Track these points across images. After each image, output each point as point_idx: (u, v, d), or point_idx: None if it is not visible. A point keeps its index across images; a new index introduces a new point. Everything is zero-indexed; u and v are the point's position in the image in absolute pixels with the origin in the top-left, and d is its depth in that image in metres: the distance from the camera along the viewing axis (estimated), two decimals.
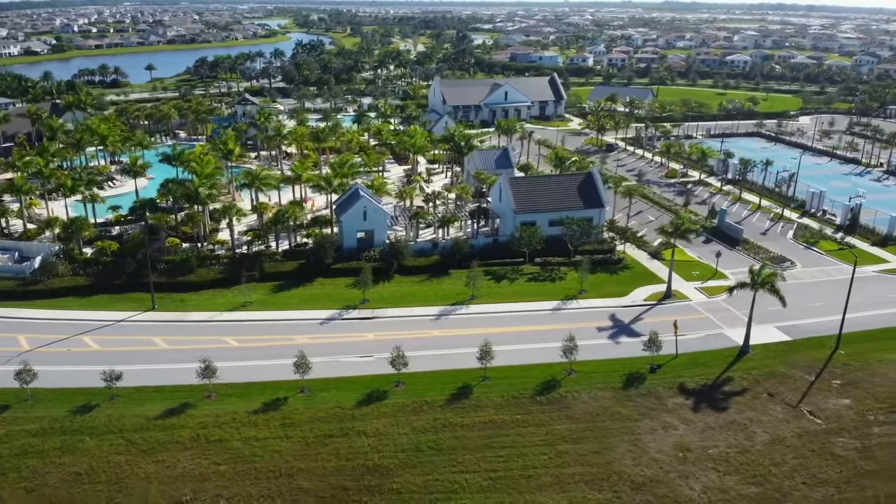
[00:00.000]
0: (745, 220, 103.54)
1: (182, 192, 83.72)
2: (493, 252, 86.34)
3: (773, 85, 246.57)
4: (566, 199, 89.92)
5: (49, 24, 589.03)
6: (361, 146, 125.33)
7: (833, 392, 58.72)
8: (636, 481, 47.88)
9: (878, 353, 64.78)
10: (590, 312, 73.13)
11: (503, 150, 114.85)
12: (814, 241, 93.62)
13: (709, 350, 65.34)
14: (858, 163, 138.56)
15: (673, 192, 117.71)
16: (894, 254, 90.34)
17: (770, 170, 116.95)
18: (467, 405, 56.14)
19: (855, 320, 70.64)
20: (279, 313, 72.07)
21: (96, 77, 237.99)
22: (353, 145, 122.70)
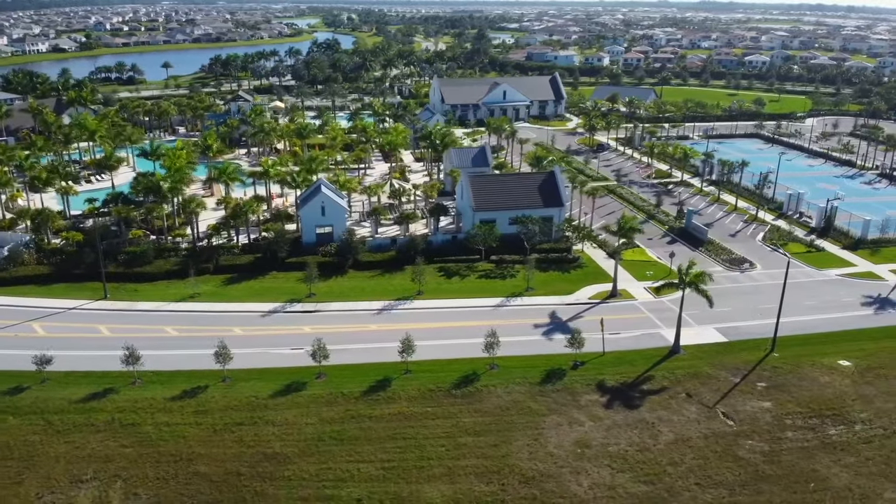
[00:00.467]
0: (719, 222, 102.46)
1: (145, 186, 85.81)
2: (451, 249, 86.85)
3: (788, 86, 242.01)
4: (526, 198, 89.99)
5: (84, 21, 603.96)
6: (346, 143, 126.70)
7: (755, 394, 58.07)
8: (527, 475, 48.10)
9: (814, 357, 63.79)
10: (530, 309, 73.25)
11: (480, 149, 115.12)
12: (783, 244, 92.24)
13: (639, 349, 65.05)
14: (853, 165, 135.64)
15: (653, 193, 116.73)
16: (864, 258, 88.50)
17: (749, 171, 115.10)
18: (382, 398, 56.85)
19: (801, 323, 70.10)
20: (224, 305, 73.58)
21: (113, 74, 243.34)
22: (338, 142, 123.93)
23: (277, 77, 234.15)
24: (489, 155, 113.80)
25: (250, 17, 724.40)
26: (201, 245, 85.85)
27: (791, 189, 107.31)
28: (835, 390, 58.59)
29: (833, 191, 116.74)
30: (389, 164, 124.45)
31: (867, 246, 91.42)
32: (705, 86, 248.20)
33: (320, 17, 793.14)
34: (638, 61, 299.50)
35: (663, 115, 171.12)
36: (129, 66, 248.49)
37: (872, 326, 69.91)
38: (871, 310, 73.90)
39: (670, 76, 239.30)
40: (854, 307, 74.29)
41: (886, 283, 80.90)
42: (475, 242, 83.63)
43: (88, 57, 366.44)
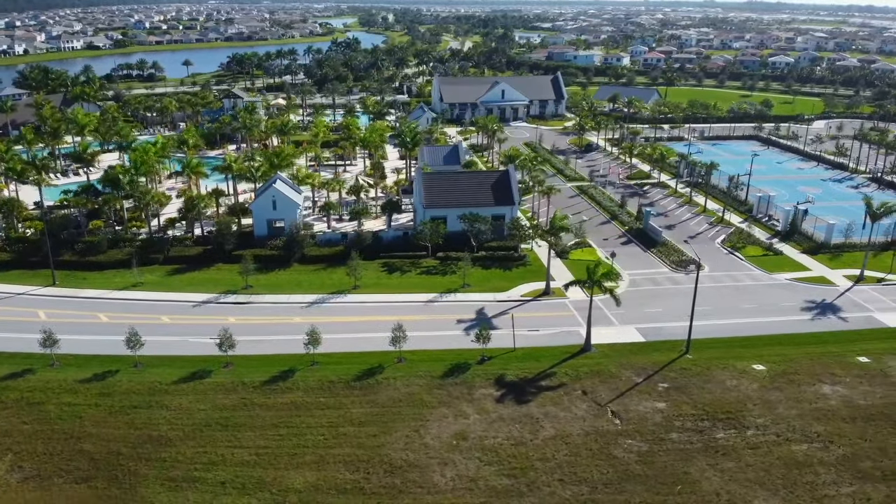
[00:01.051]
0: (684, 224, 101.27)
1: (106, 179, 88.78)
2: (401, 245, 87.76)
3: (807, 87, 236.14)
4: (478, 196, 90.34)
5: (126, 20, 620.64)
6: (327, 140, 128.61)
7: (653, 395, 57.64)
8: (394, 465, 48.80)
9: (729, 360, 62.93)
10: (459, 306, 73.74)
11: (453, 147, 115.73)
12: (741, 246, 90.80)
13: (552, 346, 65.07)
14: (846, 168, 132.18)
15: (629, 193, 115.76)
16: (822, 262, 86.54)
17: (727, 173, 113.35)
18: (280, 388, 58.13)
19: (729, 326, 69.47)
20: (162, 294, 75.81)
21: (134, 71, 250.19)
22: (320, 139, 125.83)
23: (290, 75, 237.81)
24: (461, 153, 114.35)
25: (289, 17, 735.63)
26: (158, 236, 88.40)
27: (761, 191, 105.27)
28: (739, 394, 57.79)
29: (813, 194, 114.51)
30: (372, 161, 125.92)
31: (829, 250, 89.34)
32: (721, 87, 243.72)
33: (357, 16, 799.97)
34: (658, 61, 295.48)
35: (664, 116, 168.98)
36: (151, 64, 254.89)
37: (802, 332, 68.52)
38: (809, 315, 72.39)
39: (676, 77, 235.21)
40: (792, 312, 72.89)
41: (836, 288, 79.08)
42: (421, 239, 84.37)
43: (121, 54, 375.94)
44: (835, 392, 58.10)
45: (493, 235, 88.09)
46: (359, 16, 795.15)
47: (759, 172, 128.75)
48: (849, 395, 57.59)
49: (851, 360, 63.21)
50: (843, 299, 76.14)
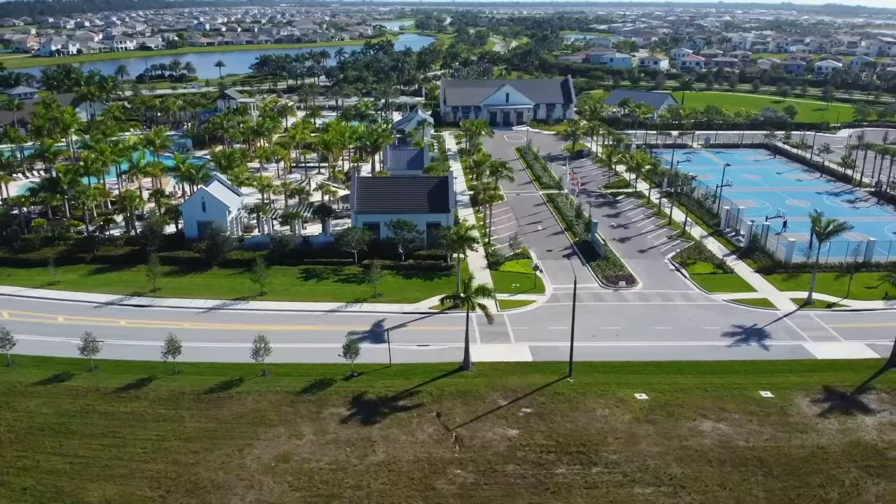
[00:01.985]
0: (642, 237, 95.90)
1: (48, 179, 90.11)
2: (332, 251, 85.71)
3: (845, 94, 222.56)
4: (413, 202, 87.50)
5: (188, 21, 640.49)
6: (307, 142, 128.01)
7: (510, 421, 53.73)
8: (200, 484, 46.72)
9: (610, 387, 58.28)
10: (360, 316, 71.20)
11: (419, 151, 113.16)
12: (691, 263, 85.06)
13: (431, 363, 61.79)
14: (849, 180, 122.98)
15: (599, 203, 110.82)
16: (773, 283, 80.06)
17: (708, 184, 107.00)
18: (131, 395, 56.89)
19: (631, 349, 64.94)
20: (71, 294, 75.96)
21: (166, 72, 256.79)
22: (296, 140, 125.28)
23: (314, 77, 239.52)
24: (426, 157, 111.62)
25: (348, 19, 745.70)
26: (95, 235, 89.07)
27: (730, 204, 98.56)
28: (604, 426, 53.28)
29: (803, 208, 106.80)
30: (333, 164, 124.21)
31: (787, 270, 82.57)
32: (755, 92, 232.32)
33: (415, 19, 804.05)
34: (697, 65, 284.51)
35: (676, 122, 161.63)
36: (184, 65, 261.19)
37: (709, 359, 63.08)
38: (729, 341, 66.70)
39: (692, 80, 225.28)
40: (711, 336, 67.33)
41: (775, 312, 72.84)
42: (345, 245, 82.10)
43: (172, 55, 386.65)
44: (714, 430, 52.86)
45: (428, 244, 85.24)
46: (417, 18, 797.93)
47: (752, 183, 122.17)
48: (729, 435, 52.28)
49: (752, 394, 57.59)
50: (778, 325, 69.94)
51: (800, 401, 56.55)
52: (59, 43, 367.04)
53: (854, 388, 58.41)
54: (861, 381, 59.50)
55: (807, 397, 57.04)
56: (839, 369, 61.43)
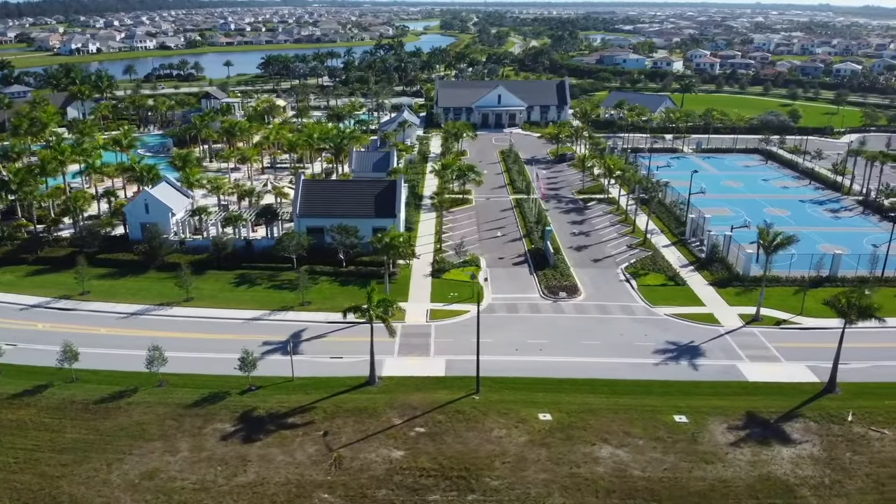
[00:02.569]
0: (603, 244, 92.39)
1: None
2: (270, 255, 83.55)
3: (858, 97, 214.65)
4: (359, 207, 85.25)
5: (214, 22, 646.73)
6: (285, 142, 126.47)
7: (399, 441, 51.06)
8: (59, 500, 45.02)
9: (514, 406, 55.25)
10: (281, 325, 69.02)
11: (385, 154, 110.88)
12: (643, 273, 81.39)
13: (337, 377, 59.39)
14: (839, 188, 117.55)
15: (569, 209, 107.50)
16: (725, 296, 76.00)
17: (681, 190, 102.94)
18: (22, 402, 55.57)
19: (548, 365, 61.97)
20: (2, 295, 75.11)
21: (174, 71, 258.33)
22: (270, 141, 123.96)
23: (317, 77, 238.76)
24: (393, 160, 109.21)
25: (375, 19, 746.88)
26: (39, 235, 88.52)
27: (697, 213, 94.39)
28: (496, 448, 50.32)
29: (780, 218, 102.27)
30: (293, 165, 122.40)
31: (743, 283, 78.41)
32: (766, 94, 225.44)
33: (441, 19, 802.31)
34: (711, 66, 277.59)
35: (672, 126, 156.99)
36: (192, 64, 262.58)
37: (629, 378, 59.65)
38: (658, 358, 63.11)
39: (694, 83, 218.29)
40: (641, 353, 63.80)
41: (716, 328, 68.97)
42: (282, 250, 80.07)
43: (191, 54, 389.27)
44: (611, 457, 49.56)
45: (372, 249, 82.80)
46: (442, 19, 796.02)
47: (733, 190, 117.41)
48: (626, 463, 48.94)
49: (666, 417, 54.08)
50: (716, 343, 66.10)
51: (715, 427, 52.90)
52: (79, 42, 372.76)
53: (780, 414, 54.55)
54: (790, 407, 55.60)
55: (724, 423, 53.38)
56: (770, 393, 57.56)
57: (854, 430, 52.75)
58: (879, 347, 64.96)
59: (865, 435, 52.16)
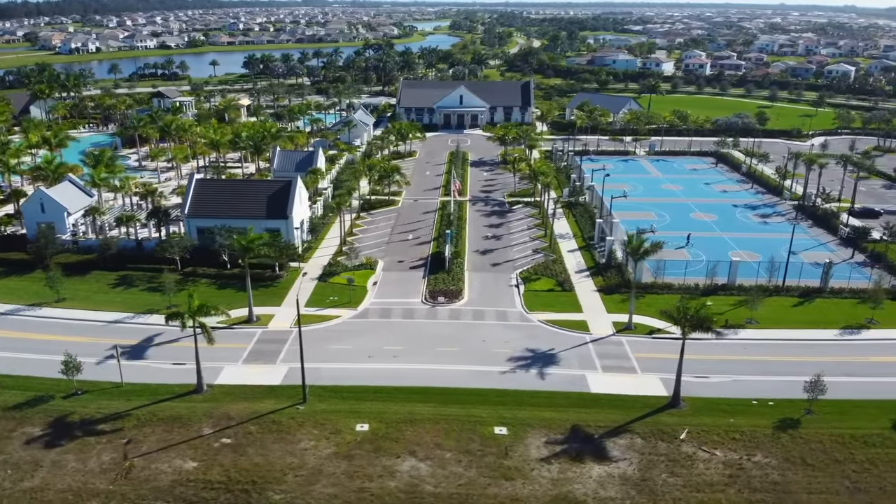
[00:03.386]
0: (508, 248, 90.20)
1: None
2: (156, 257, 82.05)
3: (842, 99, 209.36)
4: (251, 208, 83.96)
5: (222, 22, 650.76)
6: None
7: (198, 451, 49.50)
8: None
9: (337, 416, 53.46)
10: (140, 329, 67.87)
11: (309, 153, 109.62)
12: (535, 279, 79.21)
13: (168, 383, 58.01)
14: (779, 193, 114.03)
15: (492, 212, 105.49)
16: (608, 303, 73.47)
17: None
18: None
19: (391, 372, 60.16)
20: None
21: (158, 71, 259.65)
22: (207, 140, 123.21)
23: (294, 77, 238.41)
24: (317, 160, 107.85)
25: (387, 20, 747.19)
26: None
27: (611, 217, 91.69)
28: (296, 461, 48.60)
29: (702, 223, 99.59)
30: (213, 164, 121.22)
31: (629, 290, 75.46)
32: (748, 96, 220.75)
33: (451, 19, 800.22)
34: (700, 67, 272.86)
35: (633, 128, 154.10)
36: (178, 63, 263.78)
37: (467, 386, 57.58)
38: (509, 366, 60.98)
39: (658, 84, 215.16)
40: (493, 361, 61.65)
41: (582, 336, 66.64)
42: (165, 251, 78.97)
43: (191, 54, 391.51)
44: (411, 470, 47.65)
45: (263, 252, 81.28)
46: (452, 19, 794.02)
47: (669, 194, 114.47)
48: (422, 478, 46.98)
49: (486, 429, 52.02)
50: (577, 351, 63.78)
51: (533, 441, 50.74)
52: (79, 41, 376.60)
53: (608, 430, 52.21)
54: (624, 421, 53.22)
55: (545, 437, 51.20)
56: (608, 406, 55.23)
57: (682, 449, 50.25)
58: (741, 360, 62.23)
59: (693, 455, 49.64)
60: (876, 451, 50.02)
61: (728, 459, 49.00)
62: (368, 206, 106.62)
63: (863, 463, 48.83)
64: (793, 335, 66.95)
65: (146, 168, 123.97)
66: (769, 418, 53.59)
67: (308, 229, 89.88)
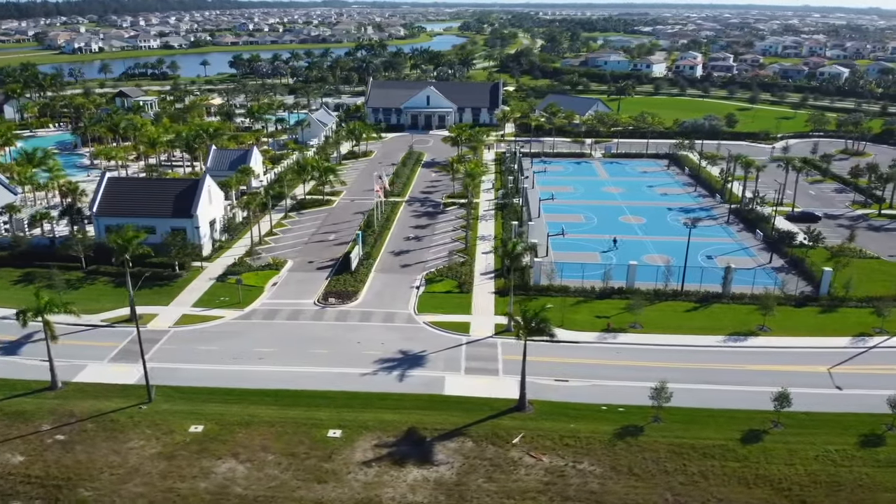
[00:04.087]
0: (425, 250, 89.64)
1: None
2: (62, 255, 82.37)
3: (825, 101, 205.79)
4: (158, 206, 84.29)
5: (233, 23, 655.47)
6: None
7: (28, 447, 49.76)
8: None
9: (177, 417, 53.31)
10: (16, 325, 67.84)
11: (244, 152, 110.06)
12: (438, 280, 78.80)
13: (23, 379, 58.39)
14: (715, 196, 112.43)
15: (424, 212, 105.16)
16: (500, 306, 72.43)
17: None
18: None
19: (256, 374, 59.64)
20: None
21: (148, 70, 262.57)
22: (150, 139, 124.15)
23: (278, 77, 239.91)
24: (251, 158, 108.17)
25: (399, 20, 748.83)
26: None
27: (520, 220, 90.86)
28: (118, 459, 48.62)
29: (634, 224, 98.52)
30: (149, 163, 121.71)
31: (527, 293, 74.77)
32: (730, 98, 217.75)
33: (463, 20, 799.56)
34: (692, 69, 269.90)
35: (596, 130, 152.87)
36: (169, 63, 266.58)
37: (320, 388, 57.23)
38: (373, 368, 60.52)
39: (630, 86, 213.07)
40: (360, 363, 61.21)
41: (460, 338, 66.00)
42: (68, 249, 79.51)
43: (195, 53, 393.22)
44: (228, 472, 47.47)
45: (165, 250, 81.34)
46: (462, 20, 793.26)
47: (610, 196, 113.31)
48: (234, 479, 46.78)
49: (320, 432, 51.69)
50: (448, 353, 63.23)
51: (363, 443, 50.32)
52: (82, 41, 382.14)
53: (444, 432, 51.64)
54: (462, 424, 52.61)
55: (376, 440, 50.74)
56: (454, 408, 54.65)
57: (510, 454, 49.52)
58: (609, 365, 61.29)
59: (518, 461, 48.90)
60: (712, 462, 48.85)
61: (552, 466, 48.17)
62: (300, 205, 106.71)
63: (693, 475, 47.68)
64: (673, 340, 65.79)
65: (97, 167, 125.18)
66: (613, 424, 52.63)
67: (222, 228, 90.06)
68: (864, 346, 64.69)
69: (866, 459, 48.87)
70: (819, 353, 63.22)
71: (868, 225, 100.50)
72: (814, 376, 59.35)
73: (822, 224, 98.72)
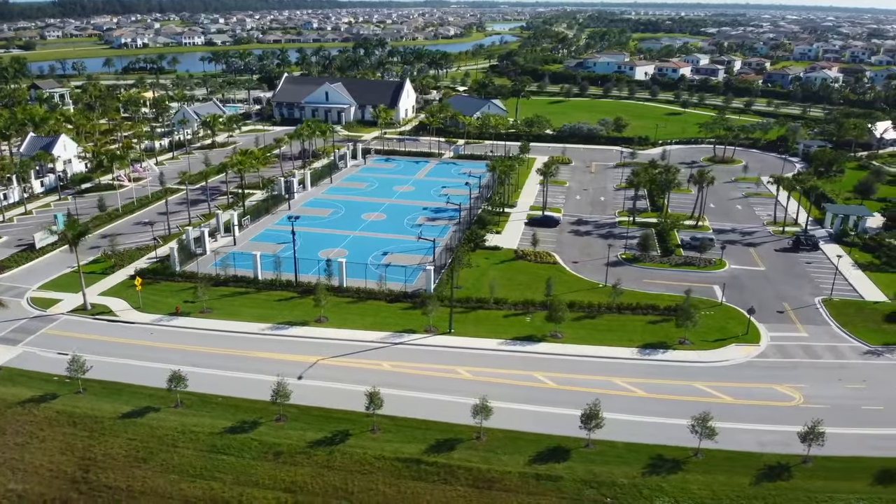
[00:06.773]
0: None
1: None
2: None
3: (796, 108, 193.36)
4: None
5: (299, 20, 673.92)
6: None
7: None
8: None
9: None
10: None
11: (53, 138, 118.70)
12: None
13: None
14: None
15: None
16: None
17: None
18: None
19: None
20: None
21: (148, 65, 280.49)
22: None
23: (251, 73, 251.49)
24: (57, 145, 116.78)
25: (462, 19, 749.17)
26: None
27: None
28: None
29: (372, 222, 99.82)
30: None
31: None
32: (674, 102, 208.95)
33: (533, 20, 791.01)
34: (674, 72, 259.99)
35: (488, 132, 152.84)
36: (170, 59, 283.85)
37: None
38: None
39: (524, 87, 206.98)
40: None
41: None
42: None
43: (235, 50, 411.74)
44: None
45: None
46: (533, 20, 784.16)
47: (394, 195, 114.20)
48: None
49: None
50: None
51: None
52: (128, 37, 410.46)
53: None
54: None
55: None
56: None
57: None
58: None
59: None
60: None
61: None
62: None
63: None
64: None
65: None
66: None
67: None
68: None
69: None
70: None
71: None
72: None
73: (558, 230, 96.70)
